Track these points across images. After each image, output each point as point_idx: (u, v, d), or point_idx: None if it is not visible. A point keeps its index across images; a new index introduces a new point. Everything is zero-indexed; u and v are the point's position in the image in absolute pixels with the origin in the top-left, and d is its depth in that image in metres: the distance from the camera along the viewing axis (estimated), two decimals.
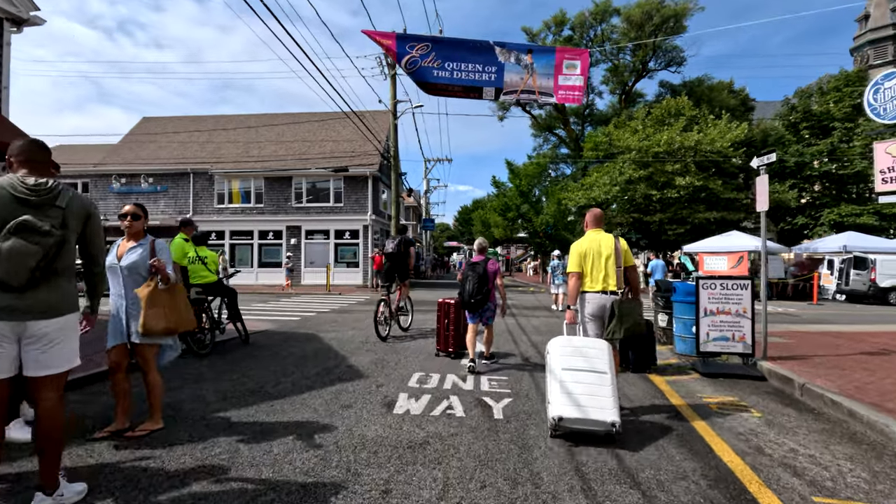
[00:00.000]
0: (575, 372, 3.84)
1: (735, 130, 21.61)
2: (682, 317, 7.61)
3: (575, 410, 3.62)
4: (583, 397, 3.69)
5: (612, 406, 3.65)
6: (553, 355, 4.03)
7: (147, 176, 24.58)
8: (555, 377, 3.87)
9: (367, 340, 8.05)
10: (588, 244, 4.43)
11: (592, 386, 3.76)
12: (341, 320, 10.67)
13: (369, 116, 24.97)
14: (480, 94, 7.70)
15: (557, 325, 10.32)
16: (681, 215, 22.67)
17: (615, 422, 3.54)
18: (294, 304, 14.41)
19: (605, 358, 3.94)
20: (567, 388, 3.76)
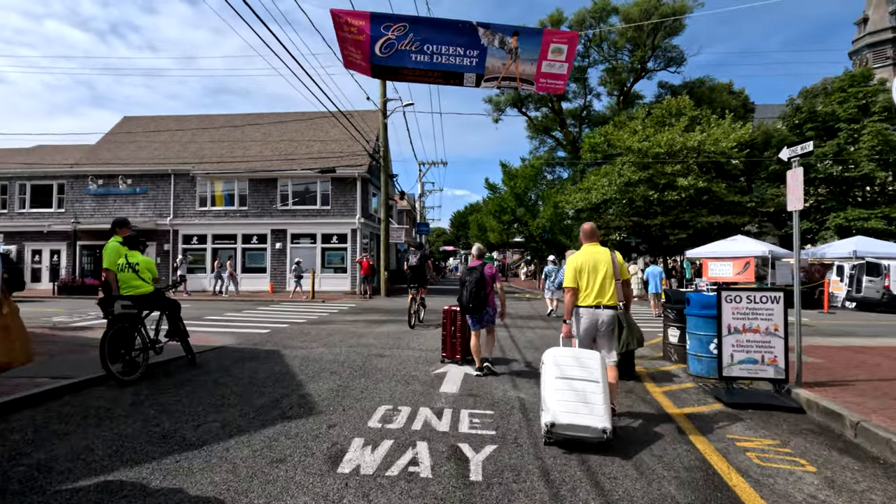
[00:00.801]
0: (568, 381, 3.94)
1: (739, 130, 20.74)
2: (697, 332, 6.60)
3: (567, 417, 3.72)
4: (575, 404, 3.79)
5: (604, 413, 3.75)
6: (547, 365, 4.13)
7: (125, 177, 23.50)
8: (548, 386, 3.97)
9: (336, 360, 7.01)
10: (583, 258, 4.46)
11: (585, 394, 3.85)
12: (314, 333, 9.62)
13: (358, 116, 24.01)
14: (461, 81, 6.73)
15: (554, 337, 9.31)
16: (682, 219, 21.76)
17: (606, 428, 3.65)
18: (269, 314, 13.34)
19: (597, 367, 4.01)
20: (560, 395, 3.86)
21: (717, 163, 21.58)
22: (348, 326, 10.67)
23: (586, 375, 3.95)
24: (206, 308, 14.75)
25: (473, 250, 6.68)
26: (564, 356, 4.15)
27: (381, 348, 8.03)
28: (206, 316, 12.33)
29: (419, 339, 9.00)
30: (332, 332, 9.70)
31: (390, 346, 8.30)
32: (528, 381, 5.96)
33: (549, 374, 4.03)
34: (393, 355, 7.45)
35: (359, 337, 9.20)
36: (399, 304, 17.05)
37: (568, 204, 25.54)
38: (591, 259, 4.43)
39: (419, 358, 7.26)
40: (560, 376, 3.97)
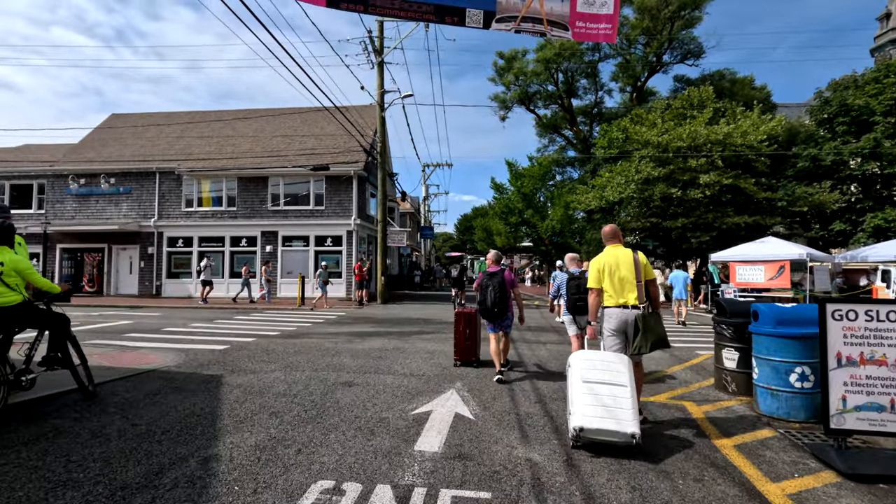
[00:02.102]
0: (596, 385, 3.88)
1: (770, 122, 18.91)
2: (771, 358, 4.87)
3: (595, 421, 3.67)
4: (603, 409, 3.73)
5: (632, 418, 3.68)
6: (574, 368, 4.07)
7: (108, 176, 22.11)
8: (575, 389, 3.91)
9: (288, 391, 5.35)
10: (606, 259, 4.40)
11: (613, 398, 3.78)
12: (280, 350, 7.96)
13: (355, 112, 22.48)
14: (462, 19, 5.16)
15: None
16: (705, 219, 19.90)
17: (635, 433, 3.58)
18: (241, 325, 11.73)
19: (625, 371, 3.97)
20: (588, 399, 3.80)
21: (743, 158, 19.75)
22: (325, 341, 9.02)
23: (614, 379, 3.90)
24: (176, 317, 13.18)
25: (491, 255, 6.57)
26: (592, 360, 4.11)
27: (355, 372, 6.36)
28: (166, 327, 10.74)
29: (406, 359, 7.32)
30: (302, 349, 8.05)
31: (367, 368, 6.62)
32: (543, 429, 4.27)
33: (577, 378, 3.97)
34: (366, 383, 5.77)
35: (332, 355, 7.54)
36: (394, 313, 15.40)
37: (580, 204, 23.78)
38: (613, 260, 4.37)
39: (399, 388, 5.59)
40: (587, 380, 3.92)
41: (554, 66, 30.53)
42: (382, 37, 19.90)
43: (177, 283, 21.74)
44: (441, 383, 5.86)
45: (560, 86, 32.07)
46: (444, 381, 5.95)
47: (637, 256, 4.36)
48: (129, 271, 22.22)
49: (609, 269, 4.34)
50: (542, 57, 29.39)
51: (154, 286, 21.75)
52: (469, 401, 5.11)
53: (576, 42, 28.85)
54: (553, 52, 28.89)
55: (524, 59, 31.85)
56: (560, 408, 4.95)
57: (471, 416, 4.59)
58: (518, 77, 31.68)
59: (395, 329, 11.07)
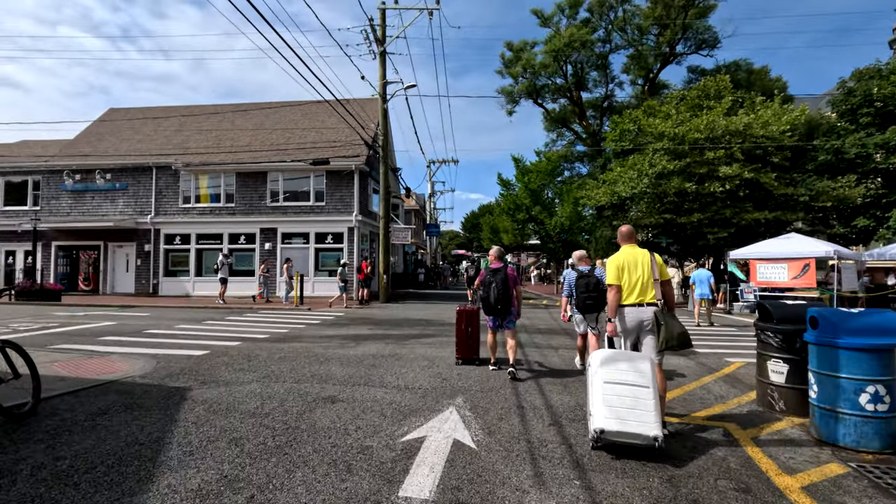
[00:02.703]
0: (617, 385, 3.75)
1: (793, 112, 17.90)
2: (836, 374, 4.04)
3: (617, 423, 3.57)
4: (625, 410, 3.63)
5: (655, 420, 3.57)
6: (595, 367, 3.94)
7: (104, 172, 21.51)
8: (596, 390, 3.79)
9: (259, 409, 4.59)
10: (624, 257, 4.43)
11: (635, 400, 3.67)
12: (263, 357, 7.22)
13: (356, 105, 21.75)
14: None
15: None
16: (723, 215, 18.94)
17: (657, 436, 3.49)
18: (232, 326, 11.01)
19: (648, 371, 3.84)
20: (609, 400, 3.69)
21: (763, 150, 18.77)
22: (315, 346, 8.26)
23: (637, 380, 3.78)
24: (166, 317, 12.50)
25: (494, 251, 6.56)
26: (613, 359, 3.97)
27: (342, 384, 5.59)
28: (149, 329, 10.04)
29: (402, 368, 6.55)
30: (288, 356, 7.29)
31: (357, 379, 5.85)
32: (560, 463, 3.46)
33: (598, 378, 3.85)
34: (352, 399, 4.99)
35: (320, 363, 6.78)
36: (395, 313, 14.65)
37: (590, 200, 22.87)
38: (632, 259, 4.41)
39: (390, 405, 4.81)
40: (609, 380, 3.80)
41: (563, 58, 29.59)
42: (384, 25, 19.13)
43: (174, 282, 21.13)
44: (439, 399, 5.07)
45: (569, 78, 31.12)
46: (443, 396, 5.17)
47: (653, 257, 4.41)
48: (126, 269, 21.64)
49: (628, 267, 4.38)
50: (552, 48, 28.46)
51: (151, 284, 21.15)
52: (471, 422, 4.32)
53: (586, 32, 27.91)
54: (563, 42, 27.95)
55: (532, 51, 30.94)
56: (580, 431, 4.16)
57: (472, 444, 3.80)
58: (526, 69, 30.76)
59: (393, 332, 10.30)
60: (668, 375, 6.36)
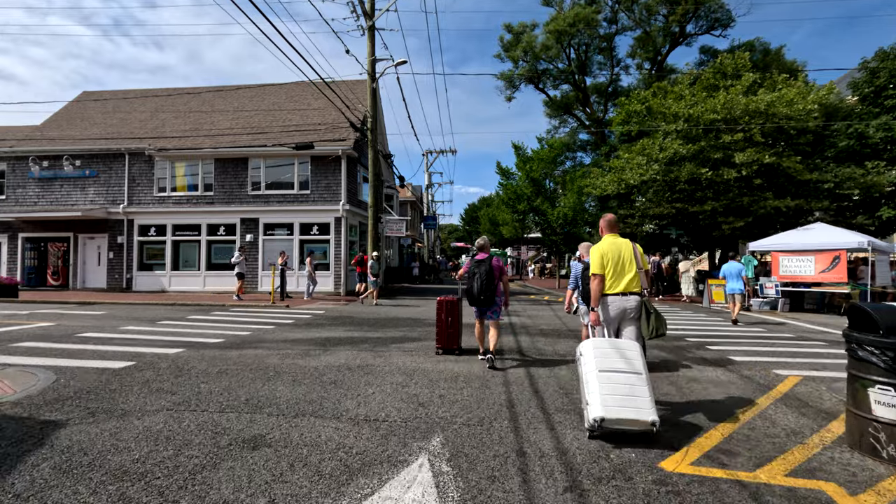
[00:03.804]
0: (612, 373, 3.80)
1: (820, 91, 16.38)
2: None
3: (615, 411, 3.59)
4: (622, 398, 3.67)
5: (650, 405, 3.66)
6: (587, 357, 3.98)
7: (73, 158, 19.99)
8: (591, 379, 3.81)
9: (137, 466, 3.14)
10: (608, 247, 4.44)
11: (630, 386, 3.73)
12: (200, 370, 5.78)
13: (345, 87, 20.26)
14: None
15: None
16: (740, 203, 17.47)
17: (655, 421, 3.56)
18: (190, 327, 9.57)
19: (638, 358, 3.94)
20: (605, 389, 3.71)
21: (786, 133, 17.26)
22: (272, 354, 6.82)
23: (629, 367, 3.85)
24: (119, 317, 11.07)
25: (479, 242, 6.50)
26: (604, 348, 4.01)
27: (281, 414, 4.15)
28: (87, 332, 8.60)
29: (370, 387, 5.11)
30: (230, 369, 5.85)
31: (304, 406, 4.41)
32: None
33: (591, 367, 3.87)
34: (286, 441, 3.55)
35: (267, 380, 5.33)
36: (382, 311, 13.23)
37: (595, 189, 21.37)
38: (615, 248, 4.42)
39: (338, 451, 3.37)
40: (603, 369, 3.83)
41: (566, 40, 27.98)
42: None
43: (149, 276, 19.68)
44: (409, 439, 3.63)
45: (572, 62, 29.52)
46: (416, 435, 3.73)
47: (635, 246, 4.47)
48: (98, 263, 20.17)
49: (612, 256, 4.39)
50: (554, 28, 26.84)
51: (124, 279, 19.70)
52: (449, 484, 2.89)
53: (592, 11, 26.28)
54: (566, 22, 26.34)
55: (533, 34, 29.32)
56: (611, 492, 2.73)
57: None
58: (526, 52, 29.14)
59: (373, 334, 8.87)
60: (710, 394, 4.95)
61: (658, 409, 4.44)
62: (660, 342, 8.37)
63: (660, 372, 6.05)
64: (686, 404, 4.70)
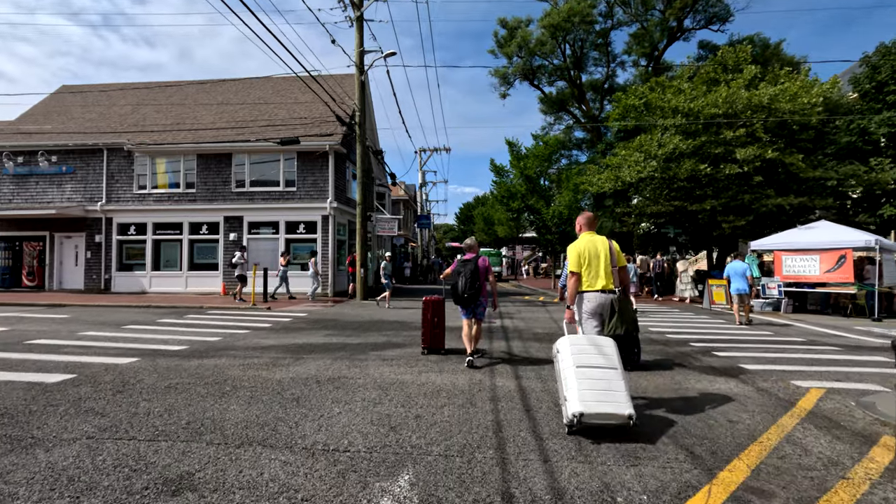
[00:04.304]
0: (588, 369, 3.85)
1: (824, 85, 15.84)
2: None
3: (594, 406, 3.64)
4: (599, 392, 3.71)
5: (626, 399, 3.71)
6: (564, 354, 4.03)
7: (49, 153, 19.18)
8: (570, 375, 3.85)
9: None
10: (584, 245, 4.47)
11: (607, 381, 3.78)
12: (147, 385, 5.10)
13: (333, 82, 19.57)
14: None
15: None
16: (741, 201, 16.91)
17: (632, 414, 3.61)
18: (155, 332, 8.87)
19: (614, 354, 4.00)
20: (584, 384, 3.75)
21: (786, 128, 16.72)
22: (236, 364, 6.15)
23: (606, 363, 3.90)
24: (83, 321, 10.34)
25: (467, 242, 6.46)
26: (581, 344, 4.08)
27: (223, 443, 3.47)
28: (40, 339, 7.88)
29: (337, 405, 4.45)
30: (182, 383, 5.16)
31: (254, 432, 3.74)
32: None
33: (569, 363, 3.90)
34: (216, 483, 2.88)
35: (220, 396, 4.66)
36: (367, 314, 12.56)
37: (592, 186, 20.77)
38: (591, 246, 4.46)
39: (284, 493, 2.73)
40: (580, 365, 3.87)
41: (561, 35, 27.37)
42: None
43: (129, 277, 18.91)
44: (370, 478, 2.97)
45: (567, 58, 28.92)
46: (380, 472, 3.06)
47: (611, 244, 4.51)
48: (75, 263, 19.38)
49: (588, 255, 4.43)
50: (549, 22, 26.22)
51: (102, 280, 18.91)
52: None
53: (587, 5, 25.68)
54: (561, 17, 25.73)
55: (528, 29, 28.69)
56: None
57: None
58: (521, 48, 28.51)
59: (354, 339, 8.19)
60: (727, 412, 4.32)
61: (671, 432, 3.81)
62: (663, 348, 7.77)
63: (666, 382, 5.42)
64: (701, 425, 4.07)
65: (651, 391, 5.09)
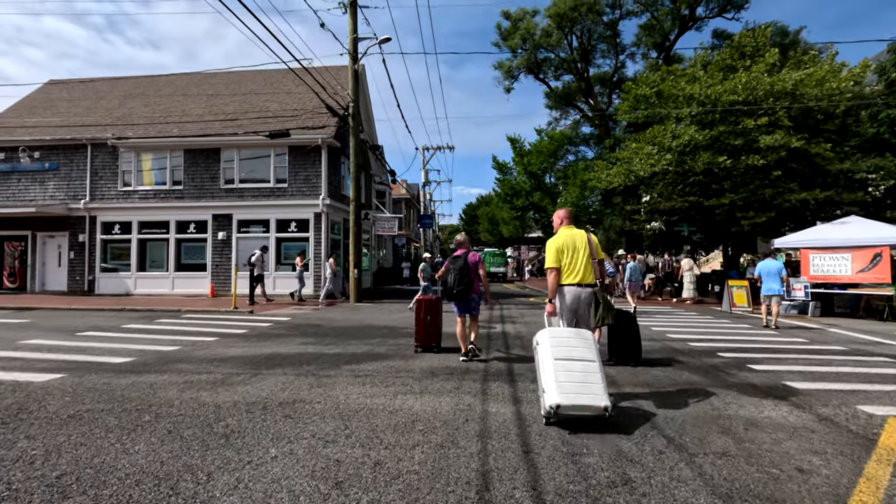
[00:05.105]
0: (566, 361, 3.89)
1: (854, 68, 14.63)
2: None
3: (570, 398, 3.68)
4: (576, 385, 3.76)
5: (603, 391, 3.76)
6: (543, 346, 4.06)
7: (31, 150, 18.35)
8: (548, 367, 3.90)
9: None
10: (564, 240, 4.55)
11: (584, 374, 3.83)
12: (53, 410, 4.10)
13: (327, 74, 18.57)
14: None
15: None
16: (762, 196, 15.74)
17: (607, 406, 3.67)
18: (112, 340, 7.89)
19: (592, 346, 4.04)
20: (560, 377, 3.79)
21: (811, 117, 15.52)
22: (175, 382, 5.13)
23: (583, 355, 3.94)
24: (39, 327, 9.40)
25: (458, 238, 6.67)
26: (560, 337, 4.10)
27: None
28: None
29: (279, 444, 3.41)
30: (92, 410, 4.15)
31: (142, 495, 2.70)
32: None
33: (547, 355, 3.95)
34: None
35: (128, 431, 3.63)
36: (356, 318, 11.54)
37: (601, 182, 19.63)
38: (571, 240, 4.53)
39: None
40: (559, 357, 3.91)
41: (567, 26, 26.24)
42: None
43: (113, 278, 18.01)
44: None
45: (574, 51, 27.79)
46: None
47: (590, 237, 4.57)
48: (58, 263, 18.52)
49: (567, 249, 4.49)
50: (554, 12, 25.11)
51: (86, 281, 18.03)
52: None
53: None
54: (567, 6, 24.62)
55: (533, 20, 27.59)
56: None
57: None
58: (525, 40, 27.40)
59: (331, 349, 7.16)
60: (791, 455, 3.22)
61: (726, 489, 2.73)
62: (689, 360, 6.68)
63: (704, 409, 4.33)
64: (764, 479, 2.98)
65: (689, 422, 4.01)
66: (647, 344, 7.90)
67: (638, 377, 5.59)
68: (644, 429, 3.79)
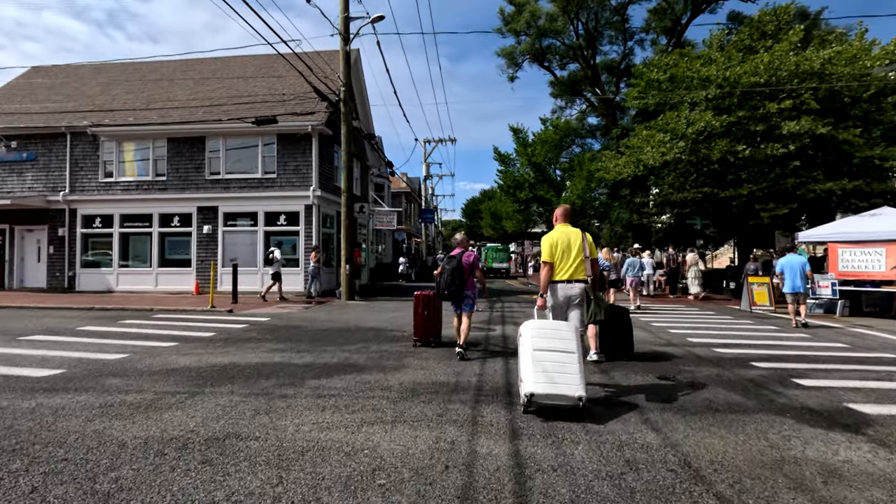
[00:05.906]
0: (545, 352, 3.94)
1: (889, 45, 13.45)
2: None
3: (545, 387, 3.76)
4: (552, 375, 3.82)
5: (579, 382, 3.81)
6: (525, 337, 4.11)
7: (7, 139, 17.41)
8: (527, 357, 3.96)
9: None
10: (558, 236, 4.64)
11: (562, 364, 3.87)
12: None
13: (320, 60, 17.47)
14: None
15: None
16: (783, 186, 14.62)
17: (582, 396, 3.74)
18: (51, 345, 6.92)
19: (573, 339, 4.07)
20: (539, 367, 3.86)
21: (837, 100, 14.36)
22: (93, 405, 4.16)
23: (563, 347, 3.98)
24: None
25: (457, 236, 6.59)
26: (542, 329, 4.16)
27: None
28: None
29: None
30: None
31: None
32: None
33: (527, 347, 4.01)
34: None
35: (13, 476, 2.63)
36: (343, 318, 10.54)
37: (609, 172, 18.53)
38: (565, 237, 4.62)
39: None
40: (538, 348, 3.97)
41: (573, 10, 25.06)
42: None
43: (95, 274, 17.11)
44: None
45: (580, 37, 26.60)
46: None
47: (585, 236, 4.67)
48: (38, 259, 17.62)
49: (561, 246, 4.59)
50: None
51: (66, 277, 17.13)
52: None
53: None
54: None
55: (537, 4, 26.41)
56: None
57: None
58: (530, 25, 26.24)
59: (300, 358, 6.17)
60: None
61: None
62: (720, 372, 5.65)
63: (757, 446, 3.30)
64: None
65: (745, 471, 2.97)
66: (669, 350, 6.87)
67: (667, 397, 4.56)
68: (687, 484, 2.77)
